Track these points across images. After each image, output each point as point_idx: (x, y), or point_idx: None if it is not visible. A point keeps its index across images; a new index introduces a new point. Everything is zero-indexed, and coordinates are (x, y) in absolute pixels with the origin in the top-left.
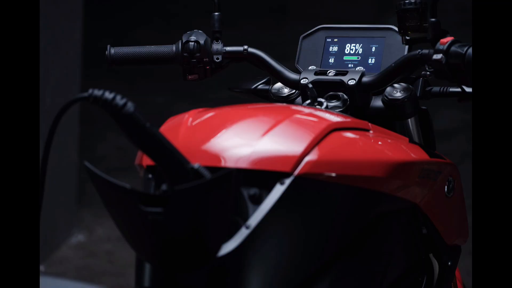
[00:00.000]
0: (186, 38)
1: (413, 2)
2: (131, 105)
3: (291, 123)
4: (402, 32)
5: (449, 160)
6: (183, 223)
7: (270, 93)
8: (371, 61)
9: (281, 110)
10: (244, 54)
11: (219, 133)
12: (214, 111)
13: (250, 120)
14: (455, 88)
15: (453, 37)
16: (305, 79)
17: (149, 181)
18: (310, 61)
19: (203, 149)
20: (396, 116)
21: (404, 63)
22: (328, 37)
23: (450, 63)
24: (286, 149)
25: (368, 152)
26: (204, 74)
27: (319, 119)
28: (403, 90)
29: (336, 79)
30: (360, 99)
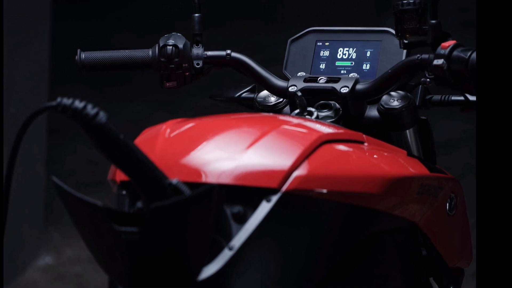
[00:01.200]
0: (163, 41)
1: (411, 2)
2: (103, 115)
3: (278, 134)
4: (399, 35)
5: (451, 175)
6: (160, 244)
7: (255, 102)
8: (366, 67)
9: (267, 121)
10: (227, 59)
11: (200, 145)
12: (194, 121)
13: (234, 132)
14: (457, 96)
15: (455, 41)
16: (294, 87)
17: (123, 198)
18: (299, 67)
19: (182, 163)
20: (393, 127)
21: (402, 69)
22: (319, 41)
23: (452, 69)
24: (273, 163)
25: (362, 166)
26: (183, 81)
27: (309, 130)
28: (400, 99)
29: (327, 86)
30: (354, 108)
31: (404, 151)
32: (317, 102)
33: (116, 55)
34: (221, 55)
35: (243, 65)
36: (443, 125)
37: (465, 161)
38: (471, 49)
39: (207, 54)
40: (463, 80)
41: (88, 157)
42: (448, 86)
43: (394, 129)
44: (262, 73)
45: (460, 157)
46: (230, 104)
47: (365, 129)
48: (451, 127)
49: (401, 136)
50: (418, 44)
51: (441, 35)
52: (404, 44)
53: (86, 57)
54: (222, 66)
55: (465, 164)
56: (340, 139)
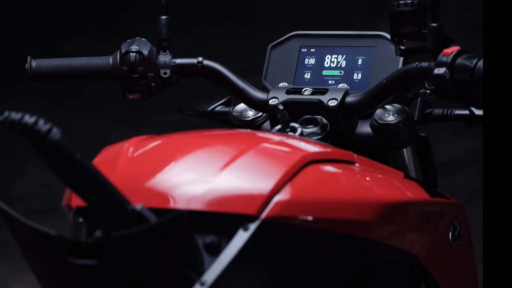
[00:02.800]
0: (126, 47)
1: (409, 3)
2: (57, 132)
3: (257, 154)
4: (395, 40)
5: (454, 200)
6: (122, 278)
7: (231, 116)
8: (357, 77)
9: (244, 138)
10: (199, 67)
11: (167, 166)
12: (161, 139)
13: (206, 151)
14: (461, 110)
15: (459, 47)
16: (275, 99)
17: (80, 226)
18: (281, 77)
19: (146, 186)
20: (388, 145)
21: (398, 79)
22: (303, 47)
23: (455, 79)
24: (251, 187)
25: (353, 190)
26: (149, 93)
27: (292, 149)
28: (396, 113)
29: (313, 99)
30: (343, 123)
31: (400, 173)
32: (301, 116)
33: (71, 63)
34: (192, 63)
35: (216, 75)
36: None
37: (470, 184)
38: (477, 56)
39: (176, 62)
40: (468, 91)
41: (40, 180)
42: (450, 98)
43: (389, 147)
44: (238, 84)
45: (464, 179)
46: (202, 119)
47: (356, 147)
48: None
49: (398, 155)
50: (417, 51)
51: (443, 40)
52: (400, 51)
53: (37, 66)
54: (193, 76)
55: (470, 188)
56: (328, 159)
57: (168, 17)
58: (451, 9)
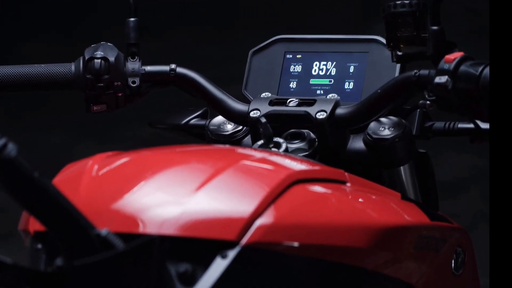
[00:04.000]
0: (90, 53)
1: (407, 3)
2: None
3: (236, 172)
4: (392, 45)
5: (458, 224)
6: None
7: (207, 130)
8: (349, 86)
9: (222, 155)
10: (171, 75)
11: (136, 186)
12: (129, 155)
13: (180, 169)
14: (465, 123)
15: (462, 52)
16: (256, 111)
17: (38, 253)
18: (264, 86)
19: (113, 209)
20: (383, 162)
21: (394, 88)
22: (289, 52)
23: (459, 88)
24: (230, 209)
25: (344, 213)
26: (115, 104)
27: (275, 167)
28: (393, 127)
29: (299, 111)
30: (333, 138)
31: (397, 194)
32: (286, 130)
33: (29, 70)
34: (164, 70)
35: (191, 84)
36: (448, 160)
37: (475, 206)
38: (483, 63)
39: (146, 70)
40: (472, 102)
41: None
42: (453, 110)
43: (385, 165)
44: (216, 94)
45: (469, 201)
46: (175, 133)
47: (347, 165)
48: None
49: (394, 174)
50: (415, 57)
51: (445, 45)
52: (397, 57)
53: None
54: (165, 85)
55: (475, 211)
56: (316, 178)
57: (137, 19)
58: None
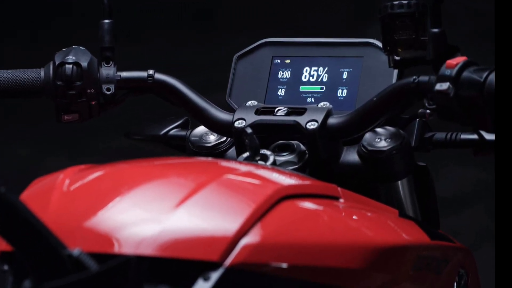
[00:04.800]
0: (60, 58)
1: (405, 4)
2: None
3: (219, 187)
4: (388, 49)
5: (460, 244)
6: None
7: (188, 141)
8: (342, 94)
9: (204, 168)
10: (149, 82)
11: (111, 202)
12: (103, 169)
13: (158, 183)
14: (469, 134)
15: (465, 57)
16: (242, 121)
17: (5, 275)
18: (249, 94)
19: (86, 227)
20: (379, 176)
21: (391, 96)
22: (276, 57)
23: (461, 96)
24: (213, 227)
25: (337, 231)
26: (88, 113)
27: (262, 182)
28: (390, 138)
29: (288, 120)
30: (325, 151)
31: (395, 210)
32: (274, 142)
33: None
34: (141, 77)
35: (171, 91)
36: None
37: (479, 223)
38: (488, 69)
39: (121, 76)
40: (476, 111)
41: None
42: (455, 120)
43: (381, 179)
44: (197, 102)
45: (472, 218)
46: (153, 144)
47: (340, 179)
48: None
49: (391, 189)
50: (414, 62)
51: (446, 49)
52: (394, 62)
53: None
54: (142, 92)
55: (479, 228)
56: (306, 193)
57: (112, 21)
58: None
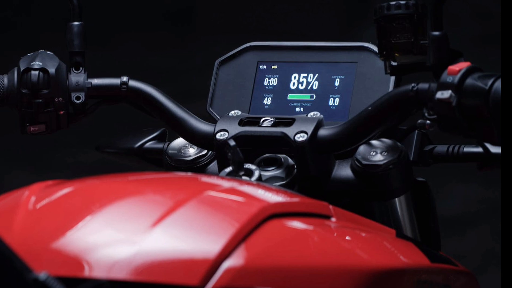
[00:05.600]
0: (26, 64)
1: (403, 4)
2: None
3: (200, 205)
4: (385, 54)
5: (463, 267)
6: None
7: (165, 155)
8: (334, 103)
9: (183, 184)
10: (123, 90)
11: (81, 222)
12: (72, 185)
13: (133, 201)
14: (473, 147)
15: (469, 63)
16: (224, 133)
17: None
18: (232, 103)
19: (54, 249)
20: (375, 193)
21: (388, 105)
22: (262, 63)
23: (464, 105)
24: (192, 249)
25: (328, 253)
26: (56, 124)
27: (246, 199)
28: (386, 151)
29: (275, 132)
30: (316, 165)
31: (392, 230)
32: (259, 155)
33: None
34: (114, 84)
35: (146, 100)
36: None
37: (484, 245)
38: (494, 75)
39: (93, 83)
40: (481, 122)
41: None
42: (458, 131)
43: (377, 196)
44: (175, 112)
45: (477, 239)
46: (127, 158)
47: (332, 196)
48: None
49: (388, 207)
50: (413, 68)
51: (449, 54)
52: (391, 68)
53: None
54: (115, 101)
55: (484, 251)
56: (294, 211)
57: (82, 23)
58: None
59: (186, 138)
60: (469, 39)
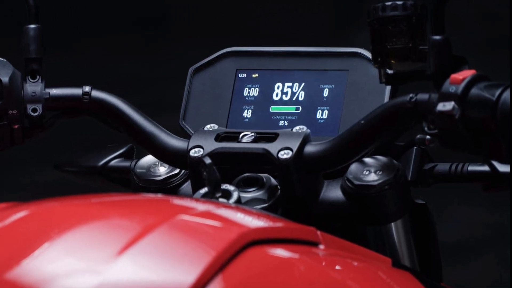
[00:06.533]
0: None
1: (400, 5)
2: None
3: (171, 231)
4: (379, 61)
5: None
6: None
7: (132, 174)
8: (322, 115)
9: (153, 207)
10: (85, 101)
11: (38, 249)
12: (28, 208)
13: (97, 226)
14: (478, 165)
15: (474, 70)
16: (199, 149)
17: None
18: (208, 116)
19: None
20: (368, 217)
21: (383, 119)
22: (241, 71)
23: (469, 118)
24: (164, 280)
25: (315, 284)
26: (10, 139)
27: (224, 224)
28: (381, 170)
29: (256, 148)
30: (302, 186)
31: (387, 259)
32: (239, 175)
33: None
34: (75, 95)
35: (111, 112)
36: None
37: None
38: (502, 85)
39: (51, 94)
40: (487, 137)
41: None
42: (462, 148)
43: (371, 221)
44: (144, 126)
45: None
46: (89, 178)
47: (321, 221)
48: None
49: (383, 233)
50: (411, 76)
51: (451, 60)
52: (387, 76)
53: None
54: (76, 114)
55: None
56: (278, 238)
57: (39, 26)
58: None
59: (156, 155)
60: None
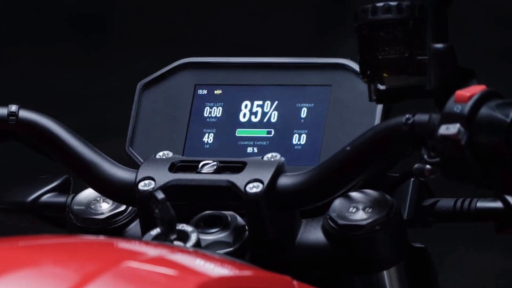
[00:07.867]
0: None
1: (393, 7)
2: None
3: (116, 281)
4: (369, 75)
5: None
6: None
7: (69, 211)
8: (299, 140)
9: (94, 252)
10: (11, 123)
11: None
12: None
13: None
14: (488, 201)
15: (484, 86)
16: (149, 181)
17: None
18: (161, 141)
19: None
20: (356, 264)
21: (373, 144)
22: (201, 86)
23: (478, 143)
24: None
25: None
26: None
27: (179, 273)
28: (371, 207)
29: (219, 181)
30: (274, 226)
31: None
32: (198, 213)
33: None
34: (0, 115)
35: (43, 136)
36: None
37: None
38: None
39: None
40: (500, 167)
41: None
42: (469, 179)
43: (358, 268)
44: (83, 153)
45: None
46: (17, 216)
47: (298, 268)
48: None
49: (373, 282)
50: (408, 93)
51: (456, 74)
52: (378, 93)
53: None
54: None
55: None
56: None
57: None
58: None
59: (98, 189)
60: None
